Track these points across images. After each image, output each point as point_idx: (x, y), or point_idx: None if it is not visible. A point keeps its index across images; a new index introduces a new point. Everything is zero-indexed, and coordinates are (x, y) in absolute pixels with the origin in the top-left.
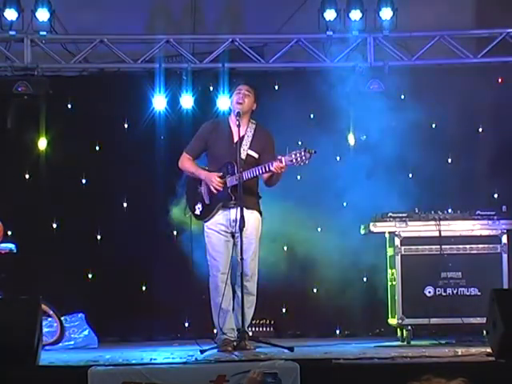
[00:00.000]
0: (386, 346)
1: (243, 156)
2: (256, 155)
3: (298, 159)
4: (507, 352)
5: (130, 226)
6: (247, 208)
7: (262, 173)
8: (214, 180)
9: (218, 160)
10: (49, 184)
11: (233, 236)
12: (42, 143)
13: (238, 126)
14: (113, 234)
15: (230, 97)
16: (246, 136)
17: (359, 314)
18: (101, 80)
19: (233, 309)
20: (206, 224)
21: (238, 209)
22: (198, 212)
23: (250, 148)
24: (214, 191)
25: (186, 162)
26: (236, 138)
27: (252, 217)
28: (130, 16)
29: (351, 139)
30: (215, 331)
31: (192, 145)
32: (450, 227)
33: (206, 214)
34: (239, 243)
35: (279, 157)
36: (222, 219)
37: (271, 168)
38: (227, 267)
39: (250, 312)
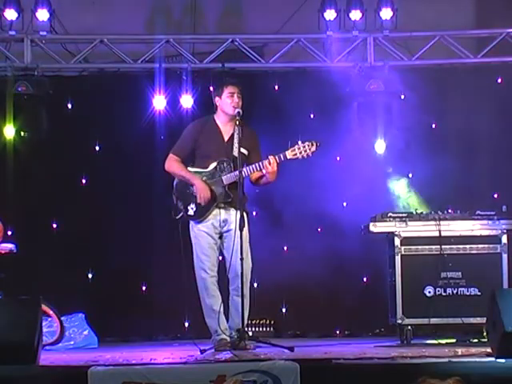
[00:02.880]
0: (385, 346)
1: (236, 154)
2: (246, 152)
3: (302, 152)
4: (507, 352)
5: (130, 226)
6: (236, 208)
7: (256, 171)
8: (205, 194)
9: (209, 159)
10: (49, 184)
11: (220, 237)
12: (42, 143)
13: (239, 125)
14: (113, 234)
15: (218, 95)
16: (235, 134)
17: (359, 314)
18: (101, 80)
19: (224, 309)
20: (196, 225)
21: (231, 209)
22: (191, 212)
23: (240, 145)
24: (199, 201)
25: (175, 164)
26: (227, 137)
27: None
28: (130, 16)
29: (380, 147)
30: (212, 333)
31: (180, 146)
32: (450, 227)
33: (201, 214)
34: (236, 243)
35: (270, 157)
36: (212, 219)
37: (262, 166)
38: (215, 269)
39: (244, 314)
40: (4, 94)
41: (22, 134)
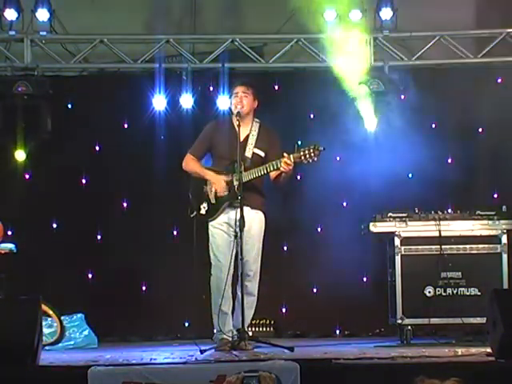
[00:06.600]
0: (385, 346)
1: (249, 154)
2: (262, 153)
3: (307, 156)
4: (507, 352)
5: (129, 225)
6: (252, 208)
7: (268, 172)
8: (221, 184)
9: (224, 159)
10: (49, 184)
11: (236, 236)
12: (42, 143)
13: (238, 125)
14: (113, 234)
15: (230, 98)
16: (250, 135)
17: (359, 314)
18: (101, 80)
19: (233, 309)
20: (211, 223)
21: (247, 209)
22: (203, 211)
23: (255, 146)
24: (219, 194)
25: (191, 163)
26: (242, 137)
27: (257, 217)
28: (130, 16)
29: (370, 124)
30: (215, 331)
31: (197, 146)
32: (450, 227)
33: (212, 213)
34: (240, 243)
35: (285, 154)
36: (226, 218)
37: (279, 166)
38: (230, 269)
39: (249, 313)
40: (4, 94)
41: (22, 134)
